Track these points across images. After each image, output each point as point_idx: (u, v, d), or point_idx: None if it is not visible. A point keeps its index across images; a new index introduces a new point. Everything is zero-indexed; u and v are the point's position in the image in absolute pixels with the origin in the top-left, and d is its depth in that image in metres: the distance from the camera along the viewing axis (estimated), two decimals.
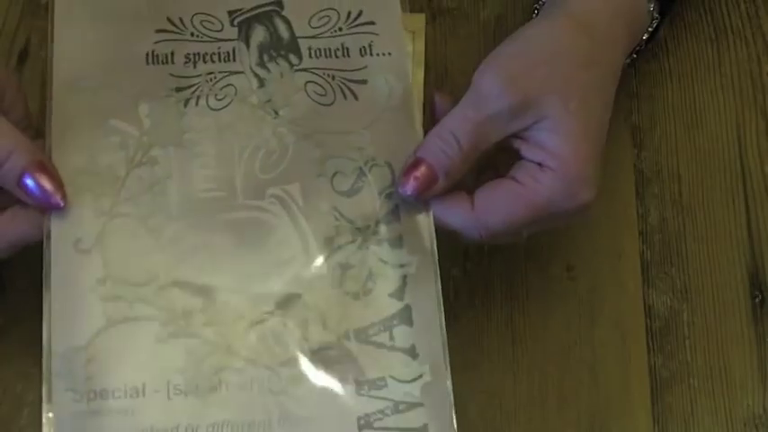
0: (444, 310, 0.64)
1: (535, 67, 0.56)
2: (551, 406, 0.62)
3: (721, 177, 0.68)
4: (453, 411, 0.55)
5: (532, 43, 0.58)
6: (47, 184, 0.55)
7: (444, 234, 0.58)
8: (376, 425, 0.54)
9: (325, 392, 0.54)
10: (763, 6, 0.74)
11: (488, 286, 0.65)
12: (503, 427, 0.62)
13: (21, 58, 0.71)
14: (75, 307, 0.54)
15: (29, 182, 0.55)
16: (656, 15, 0.65)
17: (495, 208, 0.56)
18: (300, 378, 0.54)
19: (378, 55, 0.61)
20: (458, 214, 0.57)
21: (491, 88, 0.56)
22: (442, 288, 0.65)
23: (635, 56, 0.66)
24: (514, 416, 0.62)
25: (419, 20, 0.70)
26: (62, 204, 0.56)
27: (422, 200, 0.57)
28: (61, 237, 0.55)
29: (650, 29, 0.65)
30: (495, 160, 0.59)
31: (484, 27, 0.72)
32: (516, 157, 0.57)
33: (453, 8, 0.73)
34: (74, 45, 0.59)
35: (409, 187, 0.56)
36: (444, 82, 0.70)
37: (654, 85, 0.71)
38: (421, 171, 0.56)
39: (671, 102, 0.71)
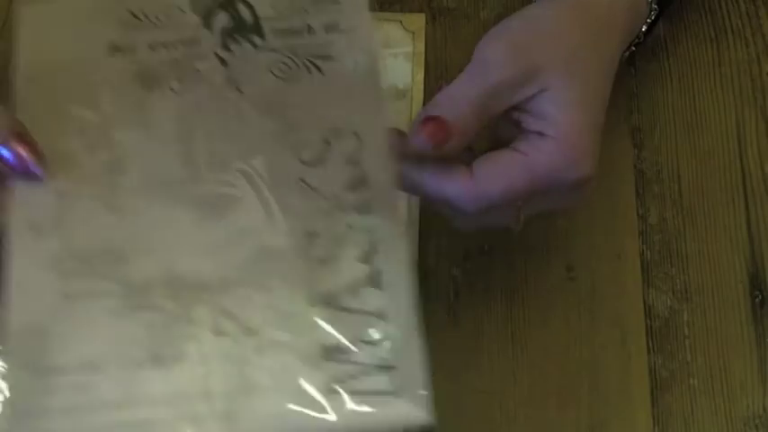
0: (444, 310, 0.64)
1: (540, 39, 0.57)
2: (551, 406, 0.62)
3: (721, 177, 0.68)
4: (426, 373, 0.54)
5: (537, 20, 0.58)
6: (26, 153, 0.55)
7: (434, 213, 0.58)
8: (345, 389, 0.54)
9: (291, 361, 0.54)
10: (763, 6, 0.74)
11: (488, 286, 0.65)
12: (503, 427, 0.62)
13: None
14: (32, 285, 0.54)
15: (4, 152, 0.54)
16: (654, 7, 0.65)
17: (494, 176, 0.56)
18: (265, 347, 0.54)
19: (343, 31, 0.60)
20: (456, 183, 0.56)
21: (497, 56, 0.56)
22: (442, 288, 0.65)
23: (633, 49, 0.66)
24: (514, 416, 0.62)
25: (419, 20, 0.70)
26: (41, 173, 0.55)
27: (434, 154, 0.55)
28: (19, 218, 0.55)
29: (649, 20, 0.65)
30: (494, 137, 0.58)
31: (484, 27, 0.72)
32: (517, 131, 0.57)
33: (453, 8, 0.73)
34: (35, 34, 0.59)
35: (422, 139, 0.55)
36: (444, 82, 0.70)
37: (654, 85, 0.71)
38: (434, 124, 0.55)
39: (671, 102, 0.71)
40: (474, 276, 0.65)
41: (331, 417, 0.52)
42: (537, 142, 0.56)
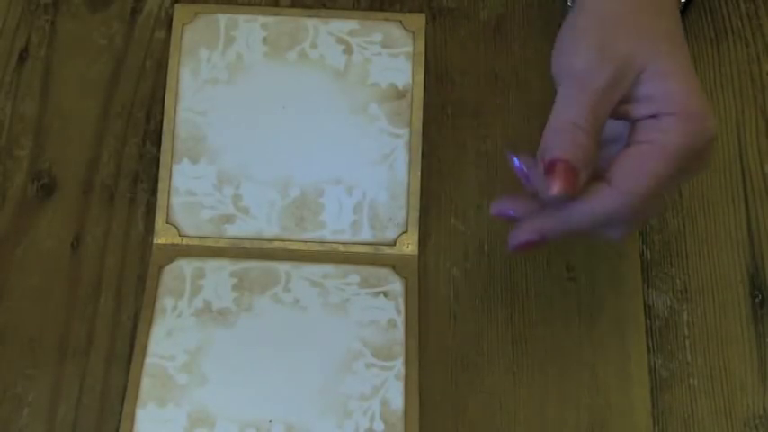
0: (444, 310, 0.64)
1: (615, 29, 0.55)
2: (551, 406, 0.62)
3: (721, 177, 0.68)
4: None
5: (599, 11, 0.56)
6: None
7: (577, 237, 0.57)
8: None
9: None
10: (763, 6, 0.74)
11: (488, 286, 0.65)
12: (503, 427, 0.62)
13: (21, 57, 0.71)
14: None
15: None
16: None
17: (635, 173, 0.54)
18: None
19: None
20: (601, 199, 0.54)
21: (588, 63, 0.54)
22: (442, 288, 0.65)
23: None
24: (514, 416, 0.62)
25: (419, 20, 0.70)
26: None
27: (572, 196, 0.54)
28: None
29: None
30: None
31: (484, 27, 0.72)
32: (627, 124, 0.55)
33: (453, 8, 0.73)
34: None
35: (558, 188, 0.53)
36: (444, 82, 0.70)
37: None
38: (563, 169, 0.53)
39: None
40: (474, 276, 0.65)
41: None
42: (658, 124, 0.54)
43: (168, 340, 0.62)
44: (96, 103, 0.69)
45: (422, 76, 0.68)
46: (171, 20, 0.71)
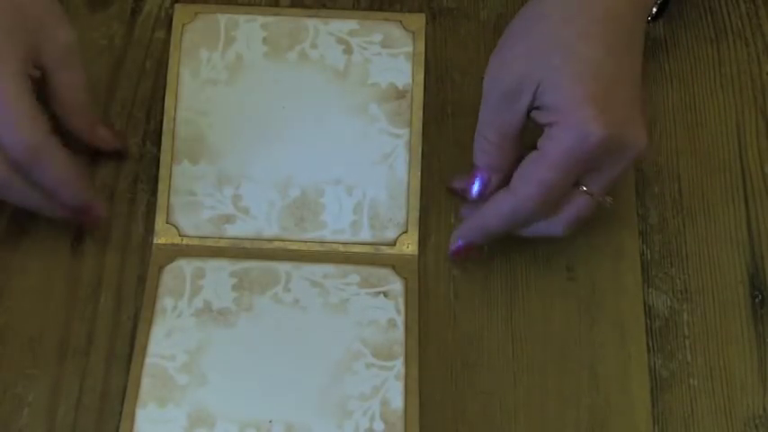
0: (444, 310, 0.64)
1: (514, 41, 0.61)
2: (551, 406, 0.62)
3: (721, 177, 0.68)
4: None
5: (510, 26, 0.62)
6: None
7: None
8: None
9: None
10: (763, 6, 0.74)
11: (488, 286, 0.65)
12: (503, 427, 0.62)
13: None
14: None
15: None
16: None
17: (524, 179, 0.60)
18: None
19: None
20: (501, 201, 0.61)
21: (490, 75, 0.61)
22: (442, 288, 0.65)
23: (654, 10, 0.69)
24: (514, 416, 0.62)
25: (419, 20, 0.70)
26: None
27: (486, 197, 0.62)
28: None
29: None
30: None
31: (484, 27, 0.72)
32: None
33: (453, 8, 0.73)
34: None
35: (472, 191, 0.63)
36: (444, 82, 0.70)
37: (654, 85, 0.71)
38: (473, 174, 0.63)
39: (671, 102, 0.71)
40: (474, 276, 0.65)
41: None
42: (548, 132, 0.59)
43: (168, 340, 0.62)
44: (96, 103, 0.69)
45: (422, 75, 0.68)
46: (171, 20, 0.71)
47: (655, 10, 0.69)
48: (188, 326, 0.63)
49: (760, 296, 0.65)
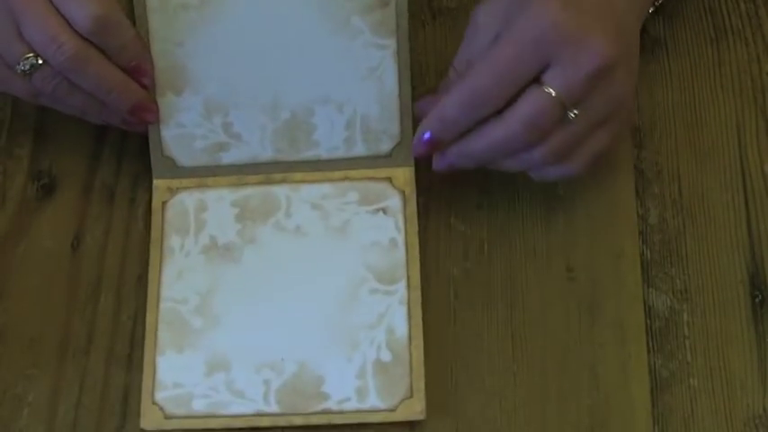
0: (444, 310, 0.64)
1: None
2: (551, 406, 0.62)
3: (721, 177, 0.68)
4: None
5: None
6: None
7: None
8: None
9: None
10: (763, 6, 0.74)
11: (488, 286, 0.65)
12: (503, 427, 0.62)
13: None
14: None
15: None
16: None
17: (483, 58, 0.60)
18: None
19: None
20: (455, 85, 0.60)
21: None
22: (442, 288, 0.65)
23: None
24: (514, 416, 0.62)
25: None
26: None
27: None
28: None
29: None
30: None
31: None
32: None
33: (453, 8, 0.73)
34: None
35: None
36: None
37: (654, 85, 0.71)
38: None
39: (671, 102, 0.71)
40: (474, 276, 0.65)
41: None
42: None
43: (179, 282, 0.64)
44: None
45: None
46: None
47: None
48: (197, 265, 0.64)
49: (760, 296, 0.65)
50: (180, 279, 0.64)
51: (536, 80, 0.59)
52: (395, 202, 0.65)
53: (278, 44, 0.66)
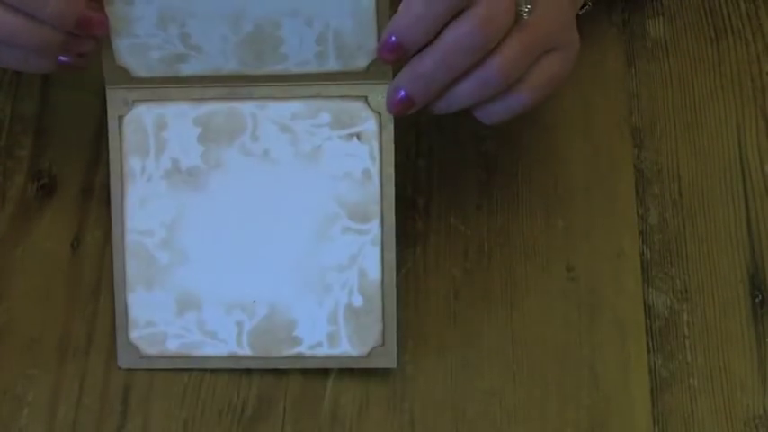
0: (444, 310, 0.64)
1: None
2: (551, 406, 0.62)
3: (721, 177, 0.68)
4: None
5: None
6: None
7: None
8: None
9: None
10: (763, 6, 0.74)
11: (488, 286, 0.65)
12: (503, 427, 0.62)
13: None
14: None
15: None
16: None
17: None
18: None
19: None
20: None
21: None
22: (442, 288, 0.65)
23: None
24: (514, 416, 0.62)
25: None
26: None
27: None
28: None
29: None
30: None
31: None
32: None
33: None
34: None
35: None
36: None
37: (654, 85, 0.71)
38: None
39: (671, 102, 0.71)
40: (474, 276, 0.65)
41: None
42: None
43: (143, 211, 0.62)
44: (96, 103, 0.69)
45: None
46: None
47: None
48: (160, 192, 0.62)
49: (760, 296, 0.65)
50: (143, 207, 0.62)
51: None
52: (370, 125, 0.61)
53: None
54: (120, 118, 0.62)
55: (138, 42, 0.61)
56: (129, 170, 0.62)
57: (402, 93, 0.59)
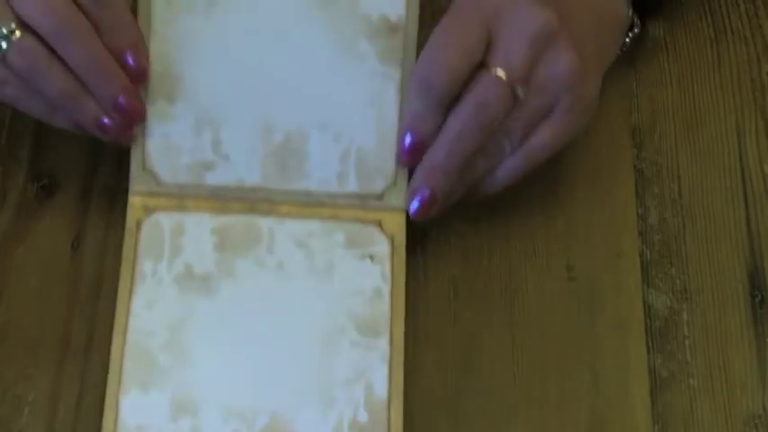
0: (444, 310, 0.64)
1: None
2: (551, 406, 0.62)
3: (721, 177, 0.68)
4: None
5: None
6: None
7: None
8: None
9: None
10: (763, 6, 0.74)
11: (488, 286, 0.65)
12: (503, 427, 0.62)
13: None
14: None
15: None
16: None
17: (429, 42, 0.61)
18: None
19: None
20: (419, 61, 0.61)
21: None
22: (442, 288, 0.65)
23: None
24: (514, 416, 0.62)
25: None
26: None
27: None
28: None
29: None
30: None
31: None
32: None
33: None
34: None
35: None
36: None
37: (654, 85, 0.71)
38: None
39: (671, 102, 0.71)
40: (474, 276, 0.65)
41: None
42: None
43: (149, 312, 0.60)
44: None
45: (417, 8, 0.63)
46: None
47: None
48: (169, 294, 0.60)
49: (760, 296, 0.65)
50: (150, 309, 0.60)
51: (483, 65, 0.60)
52: (383, 248, 0.62)
53: (280, 61, 0.63)
54: (139, 222, 0.62)
55: (171, 145, 0.62)
56: (141, 272, 0.61)
57: (423, 191, 0.61)
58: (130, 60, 0.60)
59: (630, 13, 0.67)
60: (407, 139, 0.61)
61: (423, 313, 0.64)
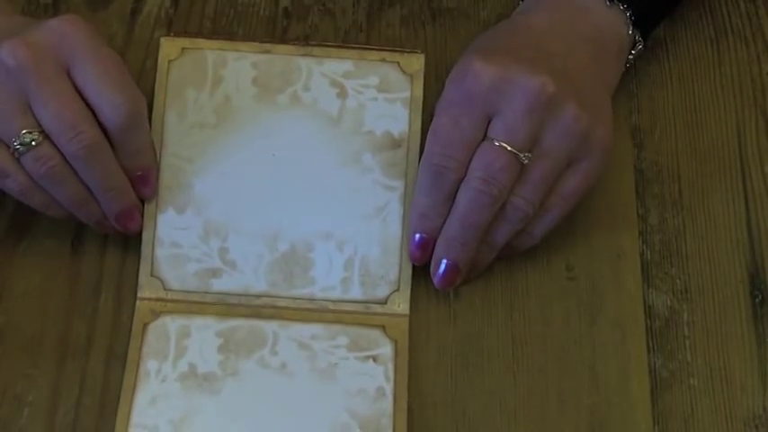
0: (444, 310, 0.64)
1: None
2: (551, 406, 0.62)
3: (721, 177, 0.68)
4: None
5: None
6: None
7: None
8: None
9: None
10: (763, 6, 0.74)
11: (488, 286, 0.65)
12: (503, 427, 0.62)
13: None
14: None
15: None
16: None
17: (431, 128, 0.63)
18: None
19: None
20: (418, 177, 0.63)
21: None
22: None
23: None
24: (514, 416, 0.62)
25: (417, 61, 0.66)
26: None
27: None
28: None
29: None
30: None
31: (484, 27, 0.72)
32: None
33: (453, 8, 0.73)
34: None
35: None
36: (444, 81, 0.70)
37: (654, 85, 0.71)
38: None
39: (671, 102, 0.71)
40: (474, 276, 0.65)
41: None
42: None
43: (152, 409, 0.61)
44: None
45: (419, 123, 0.65)
46: (171, 21, 0.71)
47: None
48: (172, 392, 0.61)
49: (760, 296, 0.65)
50: (153, 405, 0.60)
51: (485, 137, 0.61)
52: (386, 350, 0.62)
53: (286, 173, 0.65)
54: (146, 325, 0.63)
55: (179, 253, 0.64)
56: (145, 371, 0.62)
57: (444, 262, 0.63)
58: (142, 184, 0.63)
59: (631, 31, 0.67)
60: (416, 237, 0.63)
61: (423, 313, 0.64)
